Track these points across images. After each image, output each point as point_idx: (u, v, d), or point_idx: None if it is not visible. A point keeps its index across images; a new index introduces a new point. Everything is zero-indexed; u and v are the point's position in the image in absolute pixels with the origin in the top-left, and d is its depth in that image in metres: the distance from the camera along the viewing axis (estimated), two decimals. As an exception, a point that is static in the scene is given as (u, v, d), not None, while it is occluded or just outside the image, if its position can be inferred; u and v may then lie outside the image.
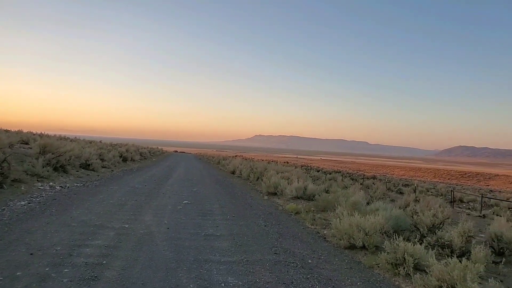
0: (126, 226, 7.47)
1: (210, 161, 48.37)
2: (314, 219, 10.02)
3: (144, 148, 46.30)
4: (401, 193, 27.87)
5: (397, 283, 5.67)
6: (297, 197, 14.10)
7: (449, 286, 5.03)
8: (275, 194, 15.22)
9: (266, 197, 14.51)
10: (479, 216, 17.07)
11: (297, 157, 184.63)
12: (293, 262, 6.06)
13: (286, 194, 14.40)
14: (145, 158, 36.71)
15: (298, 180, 15.62)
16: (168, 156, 53.94)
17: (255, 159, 53.66)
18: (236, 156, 69.60)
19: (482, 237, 9.23)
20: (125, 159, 27.33)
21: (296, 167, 40.12)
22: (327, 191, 15.03)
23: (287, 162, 68.92)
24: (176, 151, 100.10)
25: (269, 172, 20.17)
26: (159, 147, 68.90)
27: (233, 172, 26.62)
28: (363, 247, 7.29)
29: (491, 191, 57.97)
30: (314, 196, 13.62)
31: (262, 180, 17.71)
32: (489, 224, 9.54)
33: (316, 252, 6.91)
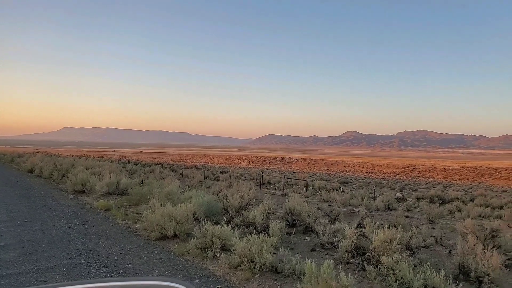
0: None
1: None
2: (126, 214, 9.60)
3: None
4: (218, 180, 29.79)
5: (204, 265, 5.96)
6: (109, 193, 13.24)
7: (249, 260, 5.60)
8: (83, 192, 13.89)
9: (71, 196, 13.08)
10: (282, 194, 19.82)
11: (114, 151, 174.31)
12: (96, 262, 5.62)
13: (96, 191, 13.34)
14: None
15: (110, 175, 14.66)
16: None
17: (62, 155, 47.88)
18: (37, 152, 60.45)
19: (280, 212, 10.70)
20: None
21: (112, 162, 37.75)
22: (142, 184, 14.65)
23: (102, 157, 64.18)
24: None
25: (76, 168, 18.26)
26: None
27: (31, 171, 22.97)
28: (175, 236, 7.39)
29: (294, 172, 68.63)
30: (127, 191, 13.06)
31: (68, 177, 15.88)
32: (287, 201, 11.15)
33: (124, 248, 6.61)
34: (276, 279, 5.37)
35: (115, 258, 5.95)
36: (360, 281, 5.45)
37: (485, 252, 5.87)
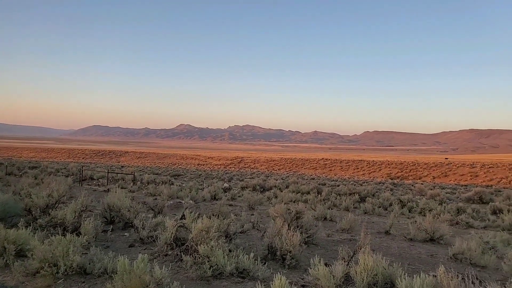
0: None
1: None
2: None
3: None
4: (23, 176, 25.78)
5: (-8, 278, 5.02)
6: None
7: (51, 264, 4.98)
8: None
9: None
10: (105, 190, 18.53)
11: None
12: None
13: None
14: None
15: None
16: None
17: None
18: None
19: (99, 209, 9.96)
20: None
21: None
22: None
23: None
24: None
25: None
26: None
27: None
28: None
29: (122, 166, 65.15)
30: None
31: None
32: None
33: None
34: (84, 282, 4.94)
35: None
36: (176, 272, 5.52)
37: (289, 232, 6.74)
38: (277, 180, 34.38)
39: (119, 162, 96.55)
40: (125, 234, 7.84)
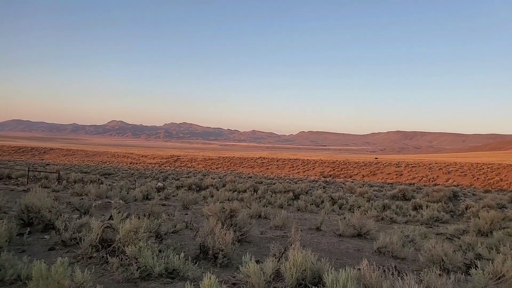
0: None
1: None
2: None
3: None
4: None
5: None
6: None
7: (-46, 273, 4.49)
8: None
9: None
10: (24, 190, 17.12)
11: None
12: None
13: None
14: None
15: None
16: None
17: None
18: None
19: (15, 211, 9.18)
20: None
21: None
22: None
23: None
24: None
25: None
26: None
27: None
28: None
29: (47, 164, 60.69)
30: None
31: None
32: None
33: None
34: (-8, 291, 4.51)
35: None
36: (101, 275, 5.25)
37: (221, 231, 6.72)
38: (214, 179, 34.21)
39: (43, 160, 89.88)
40: (45, 236, 7.30)
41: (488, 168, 64.03)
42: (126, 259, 5.29)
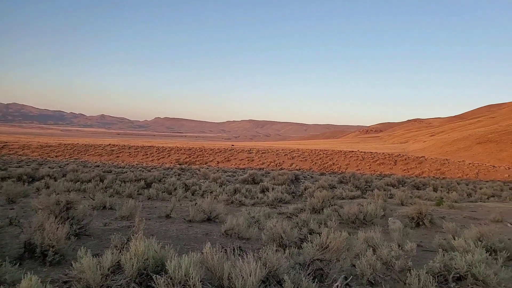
0: None
1: None
2: None
3: None
4: None
5: None
6: None
7: None
8: None
9: None
10: None
11: None
12: None
13: None
14: None
15: None
16: None
17: None
18: None
19: None
20: None
21: None
22: None
23: None
24: None
25: None
26: None
27: None
28: None
29: None
30: None
31: None
32: None
33: None
34: None
35: None
36: None
37: (53, 225, 5.99)
38: (53, 168, 30.61)
39: None
40: None
41: (323, 154, 73.55)
42: None
